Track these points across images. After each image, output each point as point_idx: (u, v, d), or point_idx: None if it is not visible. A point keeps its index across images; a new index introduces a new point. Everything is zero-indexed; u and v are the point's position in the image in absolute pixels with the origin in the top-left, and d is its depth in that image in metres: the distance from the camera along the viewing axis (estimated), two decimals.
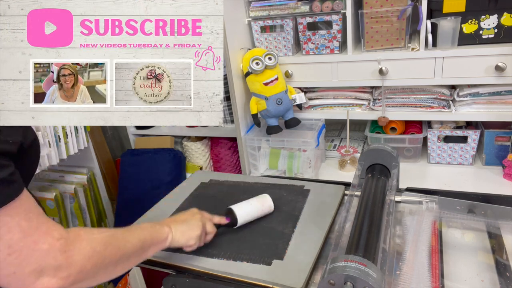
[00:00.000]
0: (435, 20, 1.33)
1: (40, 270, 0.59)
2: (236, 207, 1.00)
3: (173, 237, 0.84)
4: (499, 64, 1.29)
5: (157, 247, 0.81)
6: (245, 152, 1.61)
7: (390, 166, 1.07)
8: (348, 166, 1.58)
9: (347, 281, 0.64)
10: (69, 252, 0.62)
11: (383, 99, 1.51)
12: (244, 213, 1.00)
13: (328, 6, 1.45)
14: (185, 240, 0.86)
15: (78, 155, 1.84)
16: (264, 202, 1.04)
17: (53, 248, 0.61)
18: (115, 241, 0.71)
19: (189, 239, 0.86)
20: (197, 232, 0.88)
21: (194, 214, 0.92)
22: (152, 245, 0.79)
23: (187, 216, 0.90)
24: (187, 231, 0.87)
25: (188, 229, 0.87)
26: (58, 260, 0.61)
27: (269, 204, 1.05)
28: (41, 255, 0.59)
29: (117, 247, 0.70)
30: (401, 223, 0.99)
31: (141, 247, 0.76)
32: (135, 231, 0.77)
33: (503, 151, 1.44)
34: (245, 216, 1.00)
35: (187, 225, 0.87)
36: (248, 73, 1.50)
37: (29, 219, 0.60)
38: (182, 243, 0.86)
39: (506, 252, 0.87)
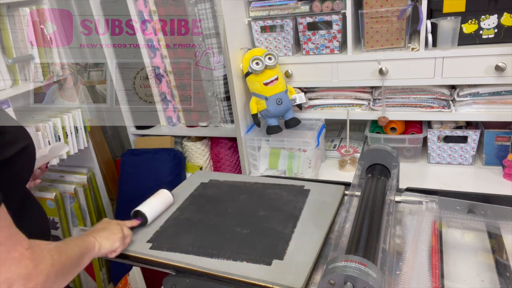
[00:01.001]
0: (435, 20, 1.33)
1: (12, 279, 0.60)
2: (142, 207, 1.08)
3: (100, 243, 0.88)
4: (499, 64, 1.29)
5: (90, 255, 0.85)
6: (245, 152, 1.61)
7: (390, 166, 1.07)
8: (348, 166, 1.58)
9: (347, 281, 0.64)
10: (36, 260, 0.65)
11: (383, 99, 1.51)
12: (150, 209, 1.08)
13: (328, 6, 1.45)
14: (110, 244, 0.90)
15: (78, 155, 1.84)
16: (164, 197, 1.14)
17: (23, 256, 0.63)
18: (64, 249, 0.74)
19: (113, 242, 0.91)
20: (119, 234, 0.93)
21: (109, 221, 0.97)
22: (87, 253, 0.83)
23: (104, 225, 0.95)
24: (110, 235, 0.91)
25: (110, 234, 0.92)
26: (29, 268, 0.63)
27: (169, 197, 1.15)
28: (14, 264, 0.61)
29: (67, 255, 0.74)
30: (401, 223, 0.99)
31: (80, 255, 0.80)
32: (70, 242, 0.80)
33: (503, 151, 1.44)
34: (152, 213, 1.08)
35: (108, 231, 0.92)
36: (248, 73, 1.50)
37: (3, 227, 0.61)
38: (108, 247, 0.90)
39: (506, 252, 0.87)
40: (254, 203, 1.13)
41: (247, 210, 1.10)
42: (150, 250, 0.97)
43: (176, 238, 1.00)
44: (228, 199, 1.17)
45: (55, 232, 1.93)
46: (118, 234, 0.93)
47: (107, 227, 0.94)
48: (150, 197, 1.13)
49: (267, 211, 1.08)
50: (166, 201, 1.14)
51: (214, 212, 1.11)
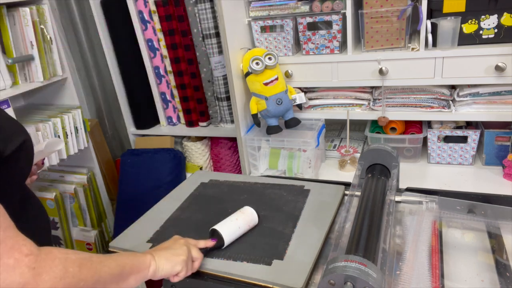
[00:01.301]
0: (435, 20, 1.33)
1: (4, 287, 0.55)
2: (220, 226, 0.94)
3: (157, 264, 0.78)
4: (499, 64, 1.29)
5: (138, 275, 0.75)
6: (245, 152, 1.61)
7: (390, 166, 1.07)
8: (348, 166, 1.58)
9: (347, 281, 0.64)
10: (39, 269, 0.58)
11: (383, 99, 1.51)
12: (229, 232, 0.94)
13: (328, 6, 1.45)
14: (171, 266, 0.80)
15: (78, 155, 1.84)
16: (248, 216, 0.99)
17: (19, 264, 0.56)
18: (91, 264, 0.65)
19: (174, 265, 0.80)
20: (182, 256, 0.82)
21: (177, 240, 0.87)
22: (133, 273, 0.73)
23: (170, 243, 0.85)
24: (171, 257, 0.81)
25: (172, 255, 0.81)
26: (25, 277, 0.56)
27: (254, 217, 1.00)
28: (5, 271, 0.55)
29: (93, 271, 0.65)
30: (401, 223, 0.99)
31: (119, 273, 0.70)
32: (114, 256, 0.72)
33: (503, 151, 1.44)
34: (231, 235, 0.94)
35: (170, 251, 0.82)
36: (248, 73, 1.50)
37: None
38: (167, 270, 0.79)
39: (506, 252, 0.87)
40: (254, 203, 1.13)
41: None
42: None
43: None
44: (228, 199, 1.17)
45: (55, 232, 1.93)
46: (181, 256, 0.81)
47: (172, 247, 0.83)
48: (232, 215, 0.99)
49: (267, 211, 1.08)
50: (249, 221, 0.99)
51: (214, 212, 1.11)
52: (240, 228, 0.96)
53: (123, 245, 0.99)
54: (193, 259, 0.85)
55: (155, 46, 1.92)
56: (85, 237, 1.97)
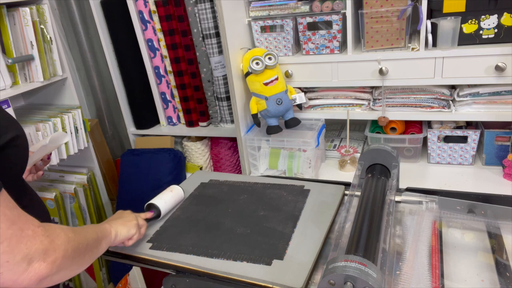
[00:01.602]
0: (435, 20, 1.33)
1: (31, 255, 0.60)
2: (154, 200, 1.09)
3: (116, 230, 0.89)
4: (499, 64, 1.29)
5: (107, 240, 0.85)
6: (245, 152, 1.61)
7: (390, 166, 1.07)
8: (348, 166, 1.58)
9: (347, 281, 0.64)
10: (51, 236, 0.65)
11: (383, 99, 1.51)
12: (163, 203, 1.09)
13: (328, 6, 1.45)
14: (127, 230, 0.92)
15: (78, 155, 1.84)
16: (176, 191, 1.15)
17: (37, 233, 0.63)
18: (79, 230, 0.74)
19: (129, 228, 0.92)
20: (134, 221, 0.95)
21: (123, 211, 0.98)
22: (103, 238, 0.83)
23: (118, 215, 0.97)
24: (125, 222, 0.93)
25: (126, 221, 0.93)
26: (45, 243, 0.63)
27: (180, 192, 1.16)
28: (29, 240, 0.61)
29: (83, 236, 0.74)
30: (401, 223, 0.99)
31: (96, 239, 0.80)
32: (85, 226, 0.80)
33: (503, 151, 1.44)
34: (165, 206, 1.09)
35: (123, 219, 0.94)
36: (248, 73, 1.50)
37: (11, 208, 0.61)
38: (125, 233, 0.91)
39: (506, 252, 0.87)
40: (254, 203, 1.13)
41: (247, 210, 1.10)
42: (150, 250, 0.97)
43: (176, 238, 1.00)
44: (228, 199, 1.17)
45: None
46: (133, 221, 0.94)
47: (122, 216, 0.96)
48: (162, 192, 1.14)
49: (267, 211, 1.08)
50: (178, 195, 1.15)
51: (214, 212, 1.11)
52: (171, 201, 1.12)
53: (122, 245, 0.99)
54: (140, 225, 0.97)
55: (155, 46, 1.92)
56: None
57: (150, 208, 1.08)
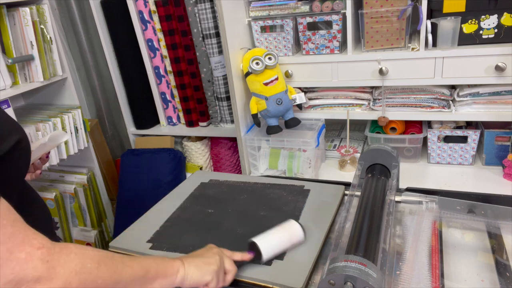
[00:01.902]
0: (435, 20, 1.33)
1: (17, 281, 0.52)
2: (260, 240, 0.87)
3: (186, 271, 0.74)
4: (499, 64, 1.29)
5: (165, 281, 0.71)
6: (245, 152, 1.61)
7: (390, 166, 1.07)
8: (348, 166, 1.58)
9: (347, 281, 0.64)
10: (52, 262, 0.55)
11: (383, 99, 1.51)
12: (269, 246, 0.86)
13: (328, 6, 1.45)
14: (200, 275, 0.75)
15: (78, 155, 1.84)
16: (292, 232, 0.90)
17: (32, 257, 0.54)
18: (112, 262, 0.62)
19: (204, 274, 0.76)
20: (213, 266, 0.77)
21: (211, 248, 0.83)
22: (158, 277, 0.70)
23: (203, 251, 0.81)
24: (202, 265, 0.76)
25: (204, 263, 0.77)
26: (39, 270, 0.54)
27: (298, 233, 0.90)
28: (18, 265, 0.53)
29: (113, 269, 0.62)
30: (401, 223, 0.99)
31: (143, 276, 0.67)
32: (139, 258, 0.69)
33: (503, 151, 1.44)
34: (270, 250, 0.86)
35: (202, 259, 0.78)
36: (248, 73, 1.50)
37: (1, 226, 0.54)
38: (196, 278, 0.75)
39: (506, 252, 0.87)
40: (254, 203, 1.13)
41: (247, 210, 1.10)
42: (150, 250, 0.97)
43: (176, 238, 1.00)
44: (228, 199, 1.17)
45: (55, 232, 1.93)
46: (213, 266, 0.77)
47: (204, 255, 0.80)
48: (275, 228, 0.91)
49: (267, 211, 1.08)
50: (292, 238, 0.90)
51: (214, 212, 1.11)
52: (282, 243, 0.88)
53: (123, 245, 0.99)
54: (225, 271, 0.80)
55: (155, 46, 1.92)
56: (85, 237, 1.97)
57: (252, 248, 0.87)
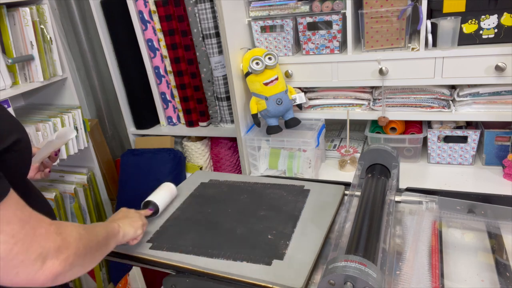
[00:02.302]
0: (435, 20, 1.33)
1: (44, 254, 0.61)
2: (151, 197, 1.12)
3: (123, 229, 0.89)
4: (499, 64, 1.29)
5: (115, 239, 0.86)
6: (245, 152, 1.61)
7: (390, 166, 1.07)
8: (348, 166, 1.58)
9: (347, 281, 0.64)
10: (63, 234, 0.66)
11: (383, 99, 1.51)
12: (160, 199, 1.12)
13: (328, 6, 1.45)
14: (134, 230, 0.92)
15: (78, 155, 1.84)
16: (170, 188, 1.17)
17: (49, 231, 0.64)
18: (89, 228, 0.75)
19: (136, 229, 0.93)
20: (140, 222, 0.96)
21: (128, 210, 0.99)
22: (112, 237, 0.84)
23: (124, 213, 0.97)
24: (132, 223, 0.93)
25: (133, 221, 0.94)
26: (57, 241, 0.64)
27: (173, 187, 1.19)
28: (42, 239, 0.62)
29: (93, 234, 0.75)
30: (401, 223, 0.99)
31: (106, 237, 0.80)
32: (95, 224, 0.81)
33: (503, 151, 1.44)
34: (162, 203, 1.12)
35: (129, 219, 0.94)
36: (248, 73, 1.50)
37: (22, 208, 0.62)
38: (131, 233, 0.91)
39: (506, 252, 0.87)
40: (254, 203, 1.13)
41: (247, 210, 1.10)
42: (150, 250, 0.97)
43: (176, 238, 1.00)
44: (228, 199, 1.17)
45: None
46: (139, 222, 0.95)
47: (128, 215, 0.96)
48: (156, 190, 1.16)
49: (267, 211, 1.08)
50: (172, 192, 1.18)
51: (214, 212, 1.11)
52: (166, 198, 1.14)
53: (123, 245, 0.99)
54: (143, 224, 0.98)
55: (155, 46, 1.92)
56: None
57: (148, 205, 1.10)
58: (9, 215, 0.60)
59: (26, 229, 0.61)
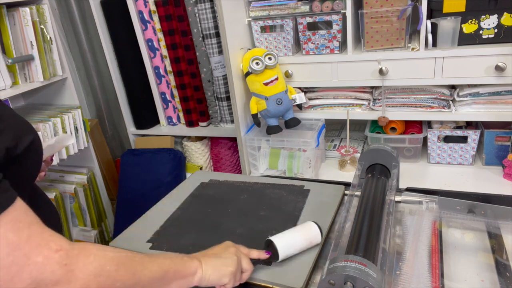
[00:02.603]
0: (435, 20, 1.33)
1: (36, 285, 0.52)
2: (277, 239, 0.86)
3: (204, 273, 0.72)
4: (499, 64, 1.29)
5: (183, 281, 0.70)
6: (245, 152, 1.61)
7: (390, 166, 1.07)
8: (348, 166, 1.58)
9: (347, 281, 0.64)
10: (71, 266, 0.54)
11: (383, 99, 1.51)
12: (286, 245, 0.85)
13: (328, 6, 1.45)
14: (218, 277, 0.74)
15: (78, 155, 1.84)
16: (310, 232, 0.89)
17: (49, 260, 0.53)
18: (131, 263, 0.61)
19: (222, 276, 0.74)
20: (231, 268, 0.75)
21: (228, 247, 0.80)
22: (176, 278, 0.68)
23: (220, 250, 0.79)
24: (220, 266, 0.74)
25: (221, 264, 0.75)
26: (57, 274, 0.53)
27: (316, 233, 0.89)
28: (35, 269, 0.52)
29: (132, 271, 0.61)
30: (401, 223, 0.99)
31: (161, 277, 0.65)
32: (157, 258, 0.67)
33: (503, 151, 1.44)
34: (287, 249, 0.85)
35: (220, 260, 0.76)
36: (248, 73, 1.50)
37: (17, 230, 0.52)
38: (213, 280, 0.73)
39: (506, 252, 0.87)
40: (254, 203, 1.13)
41: (247, 210, 1.10)
42: (150, 250, 0.97)
43: (176, 238, 1.00)
44: (228, 199, 1.17)
45: None
46: (230, 268, 0.75)
47: (222, 255, 0.77)
48: (294, 228, 0.90)
49: (267, 211, 1.08)
50: (310, 238, 0.89)
51: (214, 212, 1.11)
52: (298, 243, 0.87)
53: (123, 245, 0.99)
54: (242, 270, 0.79)
55: (155, 46, 1.92)
56: (85, 237, 1.97)
57: (269, 246, 0.86)
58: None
59: (15, 256, 0.51)
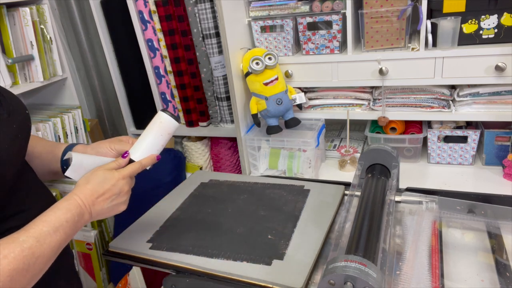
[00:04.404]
0: (435, 20, 1.33)
1: None
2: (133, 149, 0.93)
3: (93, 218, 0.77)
4: (499, 64, 1.29)
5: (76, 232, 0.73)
6: (245, 152, 1.61)
7: (390, 166, 1.07)
8: (348, 166, 1.58)
9: (347, 281, 0.64)
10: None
11: (383, 99, 1.51)
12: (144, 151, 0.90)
13: (328, 6, 1.45)
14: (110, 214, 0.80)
15: None
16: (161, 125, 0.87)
17: None
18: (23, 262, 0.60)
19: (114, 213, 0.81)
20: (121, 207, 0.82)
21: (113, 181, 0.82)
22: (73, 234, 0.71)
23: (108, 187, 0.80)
24: (110, 211, 0.80)
25: (112, 208, 0.80)
26: None
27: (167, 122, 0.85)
28: None
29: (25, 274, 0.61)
30: (401, 223, 0.99)
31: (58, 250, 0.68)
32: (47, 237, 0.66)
33: (503, 151, 1.44)
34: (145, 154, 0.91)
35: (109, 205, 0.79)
36: (248, 73, 1.50)
37: None
38: (105, 217, 0.79)
39: (506, 252, 0.87)
40: (254, 203, 1.13)
41: (247, 210, 1.10)
42: (150, 250, 0.97)
43: (176, 238, 1.00)
44: (228, 199, 1.17)
45: None
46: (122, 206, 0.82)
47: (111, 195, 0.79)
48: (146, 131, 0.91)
49: (267, 211, 1.08)
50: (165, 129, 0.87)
51: (214, 212, 1.11)
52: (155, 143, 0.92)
53: (123, 245, 0.99)
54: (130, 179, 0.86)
55: (155, 46, 1.92)
56: (85, 237, 1.97)
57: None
58: None
59: None
